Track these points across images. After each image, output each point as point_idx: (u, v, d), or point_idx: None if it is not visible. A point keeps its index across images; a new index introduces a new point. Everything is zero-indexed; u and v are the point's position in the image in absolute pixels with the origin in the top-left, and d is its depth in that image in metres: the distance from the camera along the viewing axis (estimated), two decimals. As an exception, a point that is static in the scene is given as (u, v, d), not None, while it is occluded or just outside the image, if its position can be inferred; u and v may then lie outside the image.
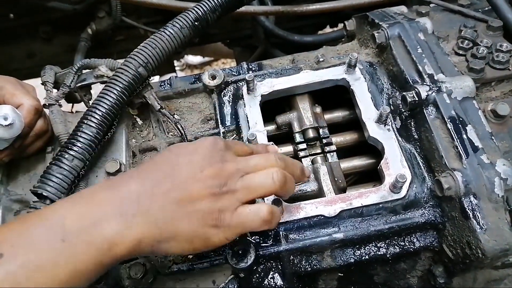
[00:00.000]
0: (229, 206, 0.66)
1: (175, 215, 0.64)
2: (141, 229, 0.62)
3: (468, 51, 0.93)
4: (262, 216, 0.67)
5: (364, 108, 0.90)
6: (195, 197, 0.65)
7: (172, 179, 0.65)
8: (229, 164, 0.68)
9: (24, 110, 0.84)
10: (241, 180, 0.68)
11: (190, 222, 0.64)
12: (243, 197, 0.67)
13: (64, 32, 1.70)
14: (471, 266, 0.76)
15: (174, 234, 0.64)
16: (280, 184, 0.68)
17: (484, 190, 0.73)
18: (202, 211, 0.65)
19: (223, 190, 0.66)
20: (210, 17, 0.92)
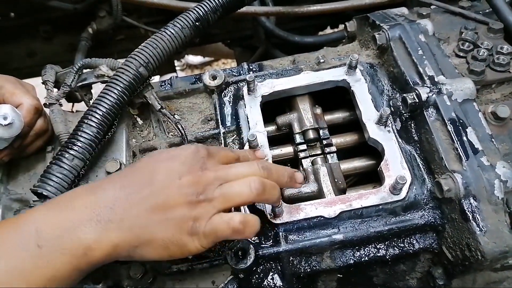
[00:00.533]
0: (204, 214, 0.65)
1: (150, 222, 0.64)
2: (116, 235, 0.62)
3: (468, 53, 0.93)
4: (232, 225, 0.65)
5: (365, 109, 0.90)
6: (171, 205, 0.64)
7: (149, 186, 0.65)
8: (208, 172, 0.68)
9: (24, 109, 0.84)
10: (219, 188, 0.67)
11: (165, 229, 0.64)
12: (219, 206, 0.67)
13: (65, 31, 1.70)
14: (470, 268, 0.76)
15: (149, 240, 0.64)
16: (257, 192, 0.67)
17: (484, 192, 0.73)
18: (177, 219, 0.64)
19: (199, 198, 0.65)
20: (211, 17, 0.92)
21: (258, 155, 0.82)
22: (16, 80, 0.90)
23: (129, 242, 0.63)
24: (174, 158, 0.69)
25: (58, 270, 0.60)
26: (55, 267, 0.60)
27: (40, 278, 0.59)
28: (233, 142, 0.93)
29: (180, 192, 0.65)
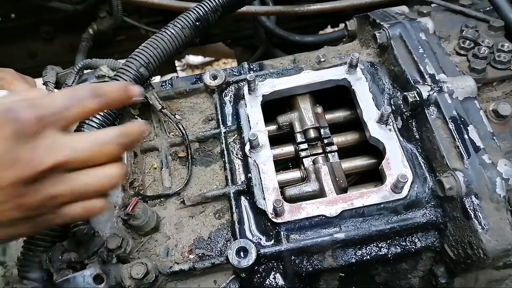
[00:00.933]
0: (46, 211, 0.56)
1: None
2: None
3: (469, 51, 0.93)
4: None
5: (365, 108, 0.90)
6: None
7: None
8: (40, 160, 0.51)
9: None
10: (63, 181, 0.54)
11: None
12: (66, 200, 0.56)
13: (65, 32, 1.70)
14: (472, 266, 0.76)
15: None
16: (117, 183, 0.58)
17: (485, 190, 0.73)
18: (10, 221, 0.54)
19: (37, 200, 0.53)
20: (211, 17, 0.93)
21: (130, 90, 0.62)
22: (16, 72, 0.90)
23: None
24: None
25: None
26: None
27: None
28: (234, 142, 0.93)
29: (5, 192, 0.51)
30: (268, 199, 0.81)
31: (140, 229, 0.82)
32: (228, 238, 0.83)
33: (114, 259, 0.77)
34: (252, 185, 0.84)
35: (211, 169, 0.93)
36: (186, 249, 0.83)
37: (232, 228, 0.83)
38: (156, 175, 0.92)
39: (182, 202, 0.87)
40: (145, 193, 0.89)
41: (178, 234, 0.85)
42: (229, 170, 0.89)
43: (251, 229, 0.82)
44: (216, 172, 0.92)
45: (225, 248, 0.82)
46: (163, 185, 0.90)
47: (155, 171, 0.93)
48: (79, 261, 0.75)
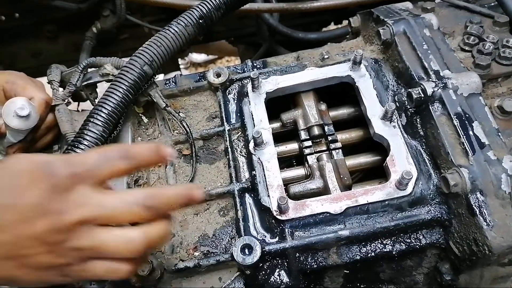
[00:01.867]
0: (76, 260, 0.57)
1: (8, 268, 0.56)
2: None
3: (474, 47, 0.93)
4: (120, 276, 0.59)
5: (370, 105, 0.90)
6: (29, 254, 0.55)
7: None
8: (71, 214, 0.54)
9: (36, 103, 0.86)
10: (88, 237, 0.56)
11: (28, 274, 0.57)
12: (92, 255, 0.57)
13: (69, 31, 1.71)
14: (477, 263, 0.76)
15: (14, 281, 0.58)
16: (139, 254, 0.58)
17: (490, 187, 0.73)
18: (40, 265, 0.56)
19: (64, 247, 0.55)
20: (215, 15, 0.92)
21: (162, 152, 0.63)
22: (26, 76, 0.92)
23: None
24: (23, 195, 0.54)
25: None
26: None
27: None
28: (238, 139, 0.93)
29: (37, 241, 0.54)
30: (273, 196, 0.81)
31: (145, 227, 0.82)
32: (233, 235, 0.84)
33: (119, 257, 0.78)
34: (256, 183, 0.84)
35: (215, 167, 0.93)
36: (191, 247, 0.83)
37: (237, 225, 0.83)
38: (160, 173, 0.92)
39: (187, 199, 0.87)
40: (149, 191, 0.89)
41: (183, 231, 0.85)
42: (233, 168, 0.89)
43: (256, 226, 0.82)
44: (220, 169, 0.92)
45: (229, 245, 0.82)
46: (168, 182, 0.90)
47: (159, 168, 0.93)
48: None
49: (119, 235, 0.57)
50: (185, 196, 0.62)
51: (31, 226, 0.54)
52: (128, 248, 0.57)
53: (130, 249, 0.57)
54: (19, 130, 0.82)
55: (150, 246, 0.59)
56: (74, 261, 0.57)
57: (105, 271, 0.58)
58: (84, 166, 0.57)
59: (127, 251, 0.57)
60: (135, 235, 0.57)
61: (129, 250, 0.57)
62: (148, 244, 0.58)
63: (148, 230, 0.58)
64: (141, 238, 0.57)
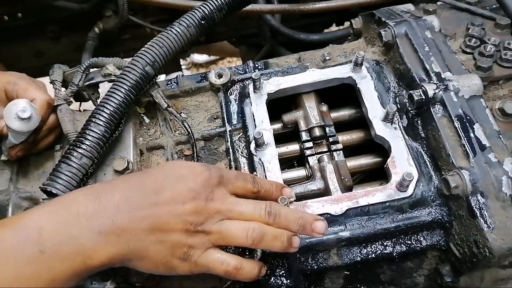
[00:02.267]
0: (199, 245, 0.66)
1: (146, 241, 0.65)
2: (114, 248, 0.63)
3: (475, 49, 0.93)
4: (225, 268, 0.67)
5: (371, 106, 0.90)
6: (168, 229, 0.65)
7: (152, 206, 0.65)
8: (213, 203, 0.67)
9: (38, 104, 0.86)
10: (219, 224, 0.67)
11: (158, 251, 0.65)
12: (215, 241, 0.67)
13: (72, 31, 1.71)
14: (478, 265, 0.76)
15: (142, 256, 0.66)
16: (252, 242, 0.67)
17: (491, 189, 0.73)
18: (171, 243, 0.65)
19: (197, 229, 0.66)
20: (217, 15, 0.93)
21: (285, 192, 0.78)
22: (28, 77, 0.92)
23: (124, 255, 0.65)
24: (183, 180, 0.67)
25: (57, 275, 0.61)
26: (55, 272, 0.60)
27: (39, 282, 0.60)
28: (239, 140, 0.94)
29: (180, 219, 0.65)
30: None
31: (146, 227, 0.82)
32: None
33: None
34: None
35: (216, 167, 0.93)
36: (191, 247, 0.83)
37: (238, 226, 0.83)
38: (162, 173, 0.93)
39: (188, 200, 0.87)
40: (151, 191, 0.90)
41: (183, 231, 0.85)
42: (235, 168, 0.89)
43: (256, 227, 0.82)
44: (222, 170, 0.92)
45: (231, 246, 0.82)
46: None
47: (161, 169, 0.93)
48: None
49: (242, 227, 0.68)
50: (302, 223, 0.70)
51: (181, 206, 0.65)
52: (248, 236, 0.67)
53: (249, 237, 0.67)
54: (20, 132, 0.83)
55: (263, 243, 0.68)
56: (200, 244, 0.66)
57: (219, 262, 0.67)
58: (228, 175, 0.72)
59: (245, 240, 0.67)
60: (252, 226, 0.67)
61: (248, 238, 0.67)
62: (261, 237, 0.67)
63: (265, 229, 0.68)
64: (258, 230, 0.67)
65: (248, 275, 0.68)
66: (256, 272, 0.69)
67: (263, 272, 0.72)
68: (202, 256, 0.66)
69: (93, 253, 0.62)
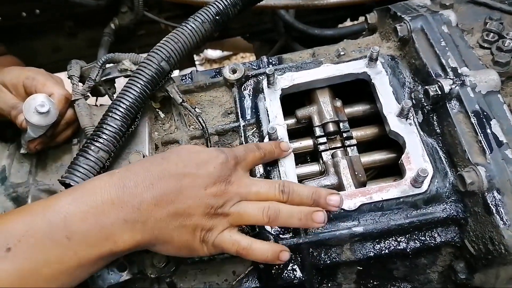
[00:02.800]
0: (217, 226, 0.70)
1: (170, 226, 0.68)
2: (140, 235, 0.66)
3: (493, 44, 0.91)
4: (236, 247, 0.69)
5: (385, 102, 0.89)
6: (191, 213, 0.68)
7: (175, 192, 0.68)
8: (231, 187, 0.71)
9: (56, 98, 0.88)
10: (237, 205, 0.71)
11: (181, 234, 0.68)
12: (233, 222, 0.71)
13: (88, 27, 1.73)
14: (493, 262, 0.75)
15: (166, 241, 0.69)
16: (268, 219, 0.70)
17: (508, 186, 0.72)
18: (193, 226, 0.68)
19: (217, 212, 0.69)
20: (231, 11, 0.93)
21: (282, 147, 0.84)
22: (46, 72, 0.94)
23: (149, 240, 0.68)
24: (203, 166, 0.70)
25: (84, 260, 0.63)
26: (82, 257, 0.63)
27: (66, 267, 0.62)
28: (253, 135, 0.94)
29: (202, 202, 0.68)
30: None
31: (161, 220, 0.84)
32: (247, 230, 0.84)
33: (136, 248, 0.80)
34: (271, 178, 0.84)
35: (230, 162, 0.94)
36: (205, 240, 0.84)
37: (251, 220, 0.84)
38: (176, 167, 0.94)
39: (202, 194, 0.88)
40: (166, 184, 0.91)
41: (198, 225, 0.86)
42: (248, 163, 0.90)
43: (270, 221, 0.83)
44: (235, 165, 0.93)
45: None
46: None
47: (175, 163, 0.94)
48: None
49: (257, 206, 0.71)
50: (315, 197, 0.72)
51: (203, 190, 0.68)
52: (264, 213, 0.70)
53: (265, 214, 0.70)
54: (39, 126, 0.85)
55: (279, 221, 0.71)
56: (218, 226, 0.69)
57: (231, 242, 0.70)
58: (239, 154, 0.75)
59: (261, 218, 0.70)
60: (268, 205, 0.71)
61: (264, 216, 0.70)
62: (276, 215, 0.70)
63: (280, 207, 0.71)
64: (274, 208, 0.71)
65: (258, 255, 0.70)
66: (268, 253, 0.70)
67: (283, 256, 0.71)
68: (218, 237, 0.69)
69: (119, 240, 0.65)
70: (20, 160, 0.96)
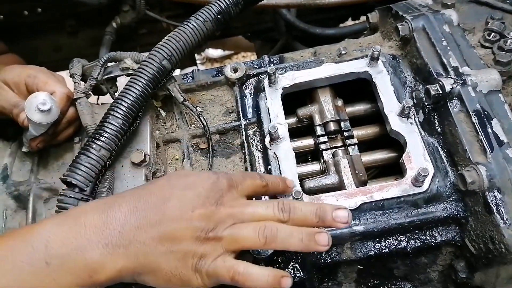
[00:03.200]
0: (211, 253, 0.63)
1: (156, 251, 0.62)
2: (122, 261, 0.61)
3: (494, 43, 0.91)
4: (232, 275, 0.62)
5: (387, 101, 0.89)
6: (178, 237, 0.62)
7: (159, 214, 0.63)
8: (223, 208, 0.65)
9: (57, 97, 0.88)
10: (230, 228, 0.64)
11: (169, 261, 0.62)
12: (227, 247, 0.64)
13: (89, 26, 1.73)
14: (493, 262, 0.76)
15: (152, 269, 0.63)
16: (265, 240, 0.64)
17: (509, 185, 0.72)
18: (182, 252, 0.63)
19: (208, 236, 0.63)
20: (233, 10, 0.93)
21: (288, 183, 0.78)
22: (47, 70, 0.95)
23: (133, 268, 0.62)
24: (191, 187, 0.66)
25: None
26: (60, 285, 0.59)
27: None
28: (254, 134, 0.94)
29: (190, 225, 0.63)
30: (288, 191, 0.81)
31: (162, 218, 0.84)
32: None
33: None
34: (271, 177, 0.85)
35: (231, 161, 0.94)
36: (206, 239, 0.84)
37: (252, 219, 0.84)
38: (178, 166, 0.94)
39: (203, 192, 0.89)
40: (167, 183, 0.91)
41: (199, 223, 0.86)
42: (249, 162, 0.90)
43: (271, 220, 0.83)
44: (236, 163, 0.93)
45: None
46: (185, 175, 0.92)
47: (177, 162, 0.95)
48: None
49: (252, 227, 0.65)
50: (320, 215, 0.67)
51: (190, 212, 0.63)
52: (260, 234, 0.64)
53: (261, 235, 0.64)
54: (41, 124, 0.85)
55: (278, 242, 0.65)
56: (211, 252, 0.63)
57: (225, 269, 0.63)
58: (236, 179, 0.70)
59: (257, 239, 0.64)
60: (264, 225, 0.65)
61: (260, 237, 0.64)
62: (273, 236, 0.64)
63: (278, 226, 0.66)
64: (270, 227, 0.65)
65: (256, 280, 0.63)
66: (269, 278, 0.63)
67: (285, 282, 0.63)
68: (211, 264, 0.63)
69: (100, 267, 0.60)
70: (22, 159, 0.97)
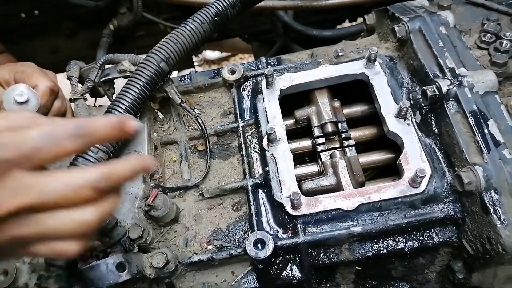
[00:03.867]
0: (15, 247, 0.53)
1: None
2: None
3: (491, 44, 0.92)
4: None
5: (384, 102, 0.90)
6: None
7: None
8: (6, 202, 0.48)
9: (40, 90, 0.87)
10: (29, 224, 0.50)
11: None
12: (36, 241, 0.52)
13: (87, 28, 1.73)
14: (491, 262, 0.76)
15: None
16: (88, 233, 0.52)
17: (505, 185, 0.73)
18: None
19: (3, 237, 0.50)
20: (230, 12, 0.93)
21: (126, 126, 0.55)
22: (35, 65, 0.93)
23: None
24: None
25: None
26: None
27: None
28: (252, 136, 0.94)
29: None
30: (285, 192, 0.82)
31: (160, 220, 0.84)
32: (246, 230, 0.85)
33: (135, 249, 0.80)
34: (269, 178, 0.85)
35: (229, 162, 0.94)
36: (204, 240, 0.84)
37: (250, 220, 0.84)
38: (175, 168, 0.94)
39: (201, 194, 0.89)
40: (165, 185, 0.91)
41: (197, 225, 0.87)
42: (247, 164, 0.90)
43: (269, 221, 0.83)
44: (234, 165, 0.93)
45: (242, 240, 0.84)
46: (183, 177, 0.92)
47: (174, 163, 0.95)
48: (102, 249, 0.77)
49: (68, 218, 0.51)
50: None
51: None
52: (82, 229, 0.51)
53: (83, 230, 0.52)
54: None
55: (102, 222, 0.54)
56: (16, 247, 0.53)
57: (51, 253, 0.52)
58: (22, 149, 0.49)
59: (78, 233, 0.52)
60: (87, 216, 0.51)
61: (81, 231, 0.52)
62: (100, 221, 0.53)
63: (100, 207, 0.52)
64: (93, 217, 0.52)
65: None
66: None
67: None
68: (28, 253, 0.54)
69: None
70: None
